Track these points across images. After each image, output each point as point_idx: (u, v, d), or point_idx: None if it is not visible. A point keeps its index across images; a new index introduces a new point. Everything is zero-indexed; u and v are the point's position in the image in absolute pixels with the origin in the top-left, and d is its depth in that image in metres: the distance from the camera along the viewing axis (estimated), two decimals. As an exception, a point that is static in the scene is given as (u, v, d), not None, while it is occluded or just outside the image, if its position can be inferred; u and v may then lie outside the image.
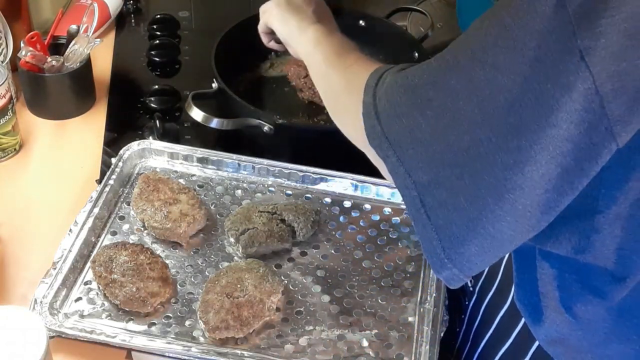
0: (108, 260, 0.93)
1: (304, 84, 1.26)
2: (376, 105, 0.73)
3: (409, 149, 0.69)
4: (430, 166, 0.67)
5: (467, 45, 0.65)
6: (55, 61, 1.20)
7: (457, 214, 0.66)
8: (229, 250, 1.01)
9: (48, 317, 0.88)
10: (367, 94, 0.75)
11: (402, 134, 0.69)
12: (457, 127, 0.64)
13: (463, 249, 0.67)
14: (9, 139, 1.14)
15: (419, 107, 0.68)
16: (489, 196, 0.63)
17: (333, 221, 1.06)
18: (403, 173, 0.70)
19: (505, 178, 0.62)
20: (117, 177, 1.07)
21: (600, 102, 0.57)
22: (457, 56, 0.65)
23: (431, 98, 0.66)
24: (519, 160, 0.61)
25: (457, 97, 0.64)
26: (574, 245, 0.69)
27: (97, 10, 1.26)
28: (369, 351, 0.90)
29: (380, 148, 0.72)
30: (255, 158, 1.11)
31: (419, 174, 0.68)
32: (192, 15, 1.52)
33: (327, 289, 0.97)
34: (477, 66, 0.62)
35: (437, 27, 1.44)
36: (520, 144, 0.60)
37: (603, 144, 0.59)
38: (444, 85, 0.66)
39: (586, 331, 0.75)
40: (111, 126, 1.22)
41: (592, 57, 0.56)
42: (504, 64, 0.60)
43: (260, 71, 1.34)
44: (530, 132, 0.60)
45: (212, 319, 0.88)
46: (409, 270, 1.00)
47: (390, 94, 0.72)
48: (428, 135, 0.67)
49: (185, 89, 1.27)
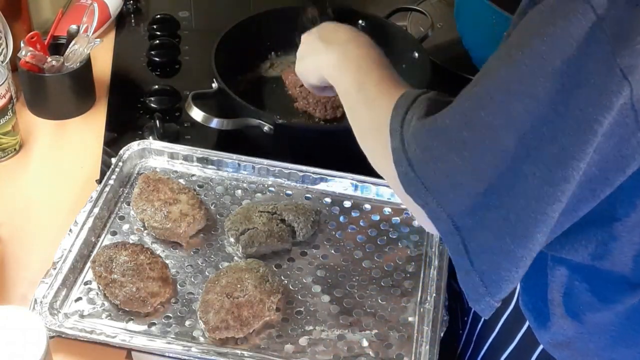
0: (108, 260, 0.93)
1: (299, 94, 1.25)
2: (406, 151, 0.70)
3: (449, 193, 0.66)
4: (475, 209, 0.65)
5: (499, 79, 0.62)
6: (55, 61, 1.20)
7: (503, 257, 0.64)
8: (229, 250, 1.01)
9: (48, 317, 0.88)
10: (394, 139, 0.71)
11: (439, 179, 0.67)
12: (499, 164, 0.62)
13: (510, 286, 0.66)
14: (9, 139, 1.14)
15: (454, 149, 0.65)
16: (538, 232, 0.62)
17: (333, 221, 1.06)
18: (445, 218, 0.67)
19: (554, 210, 0.61)
20: (117, 177, 1.07)
21: (635, 117, 0.57)
22: (490, 92, 0.63)
23: (466, 138, 0.64)
24: (566, 189, 0.60)
25: (495, 133, 0.62)
26: (591, 252, 0.69)
27: (97, 10, 1.26)
28: (369, 351, 0.90)
29: (417, 195, 0.69)
30: (255, 158, 1.11)
31: (463, 219, 0.66)
32: (192, 15, 1.52)
33: (327, 289, 0.97)
34: (514, 99, 0.60)
35: (437, 27, 1.44)
36: (566, 174, 0.59)
37: (633, 157, 0.58)
38: (480, 123, 0.63)
39: (593, 335, 0.75)
40: (111, 126, 1.22)
41: (634, 74, 0.55)
42: (543, 94, 0.58)
43: (260, 71, 1.34)
44: (575, 160, 0.58)
45: (212, 319, 0.88)
46: (409, 270, 1.00)
47: (420, 140, 0.69)
48: (469, 176, 0.64)
49: (185, 89, 1.27)
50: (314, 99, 1.22)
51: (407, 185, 0.70)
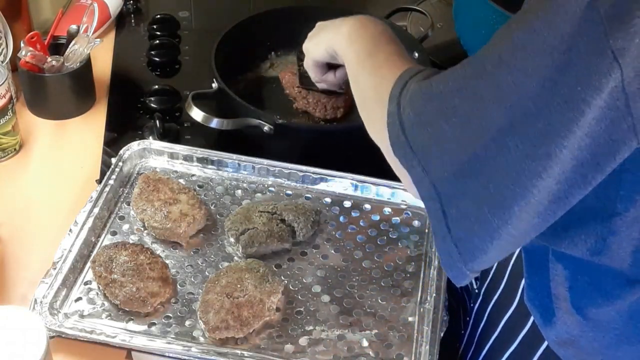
0: (108, 260, 0.93)
1: (298, 94, 1.24)
2: (400, 115, 0.71)
3: (434, 158, 0.67)
4: (456, 176, 0.66)
5: (494, 51, 0.63)
6: (55, 61, 1.20)
7: (479, 226, 0.65)
8: (229, 250, 1.01)
9: (48, 317, 0.88)
10: (392, 103, 0.73)
11: (426, 144, 0.68)
12: (484, 134, 0.63)
13: (483, 257, 0.67)
14: (9, 139, 1.14)
15: (444, 115, 0.66)
16: (515, 204, 0.62)
17: (333, 221, 1.06)
18: (428, 184, 0.68)
19: (534, 185, 0.61)
20: (117, 177, 1.07)
21: (625, 100, 0.56)
22: (484, 62, 0.64)
23: (457, 105, 0.65)
24: (547, 166, 0.60)
25: (484, 104, 0.63)
26: (590, 247, 0.69)
27: (97, 10, 1.26)
28: (369, 351, 0.90)
29: (405, 158, 0.71)
30: (255, 158, 1.11)
31: (444, 185, 0.67)
32: (192, 15, 1.52)
33: (327, 289, 0.97)
34: (504, 71, 0.61)
35: (437, 27, 1.44)
36: (549, 151, 0.59)
37: (623, 141, 0.58)
38: (470, 91, 0.64)
39: (597, 332, 0.75)
40: (111, 126, 1.22)
41: (625, 57, 0.55)
42: (532, 69, 0.59)
43: (260, 71, 1.34)
44: (560, 137, 0.59)
45: (212, 319, 0.88)
46: (409, 270, 1.00)
47: (415, 102, 0.70)
48: (454, 144, 0.65)
49: (185, 89, 1.27)
50: (314, 99, 1.22)
51: (396, 148, 0.72)
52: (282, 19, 1.36)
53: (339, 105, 1.21)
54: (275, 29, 1.35)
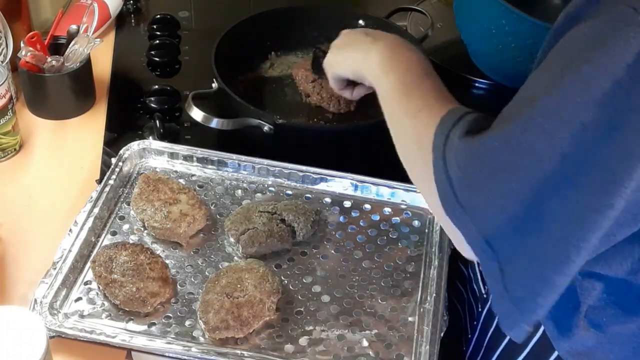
0: (108, 260, 0.93)
1: (312, 89, 1.25)
2: (447, 170, 0.68)
3: (488, 216, 0.65)
4: (513, 233, 0.63)
5: (543, 102, 0.60)
6: (55, 61, 1.20)
7: (541, 284, 0.63)
8: (229, 250, 1.01)
9: (48, 317, 0.88)
10: (436, 155, 0.70)
11: (478, 201, 0.65)
12: (541, 189, 0.60)
13: (543, 310, 0.64)
14: (9, 139, 1.14)
15: (494, 171, 0.64)
16: (577, 259, 0.60)
17: (333, 221, 1.06)
18: (483, 242, 0.66)
19: (596, 237, 0.59)
20: (117, 177, 1.07)
21: None
22: (533, 114, 0.61)
23: (508, 161, 0.63)
24: (610, 216, 0.58)
25: (539, 158, 0.60)
26: (627, 268, 0.67)
27: (97, 10, 1.26)
28: (369, 351, 0.90)
29: (455, 216, 0.68)
30: (255, 158, 1.11)
31: (501, 242, 0.64)
32: (192, 15, 1.52)
33: (327, 289, 0.97)
34: (560, 123, 0.59)
35: (437, 27, 1.44)
36: (612, 201, 0.57)
37: None
38: (522, 146, 0.61)
39: (614, 345, 0.73)
40: (111, 126, 1.22)
41: None
42: (592, 118, 0.57)
43: (260, 71, 1.34)
44: (623, 187, 0.57)
45: (212, 319, 0.88)
46: (409, 270, 1.00)
47: (462, 161, 0.67)
48: (508, 199, 0.63)
49: (185, 89, 1.27)
50: (328, 93, 1.23)
51: (446, 205, 0.69)
52: (282, 19, 1.36)
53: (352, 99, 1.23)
54: (275, 29, 1.35)
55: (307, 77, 1.26)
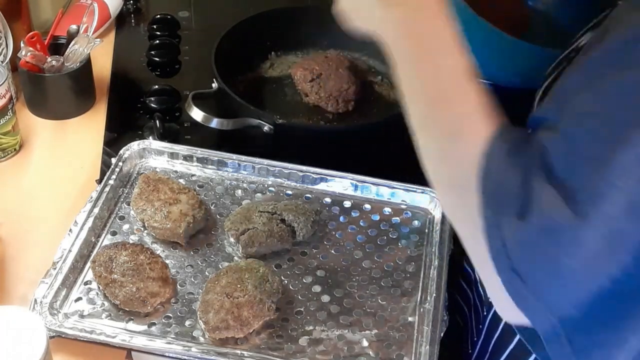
0: (108, 260, 0.93)
1: (310, 88, 1.25)
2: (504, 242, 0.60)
3: (551, 287, 0.59)
4: (583, 304, 0.58)
5: (616, 165, 0.55)
6: (55, 61, 1.20)
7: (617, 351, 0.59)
8: (229, 250, 1.01)
9: (48, 317, 0.88)
10: (493, 242, 0.62)
11: (538, 272, 0.59)
12: (617, 250, 0.55)
13: None
14: (9, 139, 1.14)
15: (564, 249, 0.58)
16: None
17: (333, 221, 1.06)
18: (543, 311, 0.60)
19: None
20: (117, 177, 1.07)
21: None
22: (607, 178, 0.55)
23: (580, 237, 0.57)
24: None
25: (613, 221, 0.55)
26: None
27: (97, 10, 1.26)
28: (369, 351, 0.90)
29: (510, 284, 0.61)
30: (255, 158, 1.11)
31: (566, 313, 0.59)
32: (192, 15, 1.52)
33: (327, 289, 0.97)
34: (637, 184, 0.54)
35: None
36: None
37: None
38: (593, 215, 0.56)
39: None
40: (111, 126, 1.22)
41: None
42: None
43: (260, 71, 1.34)
44: None
45: (212, 319, 0.88)
46: (409, 270, 1.00)
47: (522, 244, 0.60)
48: (579, 273, 0.57)
49: (185, 89, 1.27)
50: (326, 93, 1.23)
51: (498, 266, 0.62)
52: (282, 19, 1.36)
53: (350, 98, 1.23)
54: (275, 29, 1.35)
55: (305, 76, 1.26)
